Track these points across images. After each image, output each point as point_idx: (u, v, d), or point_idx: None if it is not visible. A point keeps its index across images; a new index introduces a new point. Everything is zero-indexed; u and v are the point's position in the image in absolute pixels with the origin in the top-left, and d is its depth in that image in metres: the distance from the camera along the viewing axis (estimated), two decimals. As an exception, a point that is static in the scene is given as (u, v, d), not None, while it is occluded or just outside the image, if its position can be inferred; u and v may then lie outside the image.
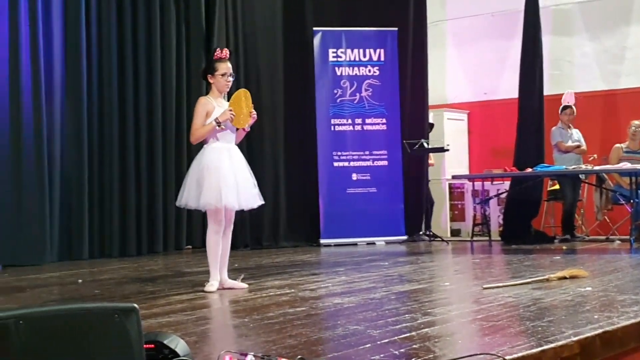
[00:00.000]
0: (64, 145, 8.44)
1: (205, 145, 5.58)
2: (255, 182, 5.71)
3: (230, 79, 5.65)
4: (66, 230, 8.43)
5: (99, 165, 8.81)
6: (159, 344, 2.50)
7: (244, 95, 5.67)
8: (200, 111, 5.52)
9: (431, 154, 10.96)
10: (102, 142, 8.84)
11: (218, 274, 5.50)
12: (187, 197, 5.51)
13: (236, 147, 5.69)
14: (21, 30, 7.96)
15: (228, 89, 5.72)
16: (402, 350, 3.10)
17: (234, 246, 9.43)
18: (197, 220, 9.82)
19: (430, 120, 11.01)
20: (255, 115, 5.71)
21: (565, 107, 9.81)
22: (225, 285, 5.53)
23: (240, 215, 9.48)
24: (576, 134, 9.85)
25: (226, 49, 5.75)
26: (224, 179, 5.40)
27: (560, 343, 3.12)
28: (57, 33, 8.40)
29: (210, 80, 5.62)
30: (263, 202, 5.84)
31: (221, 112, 5.49)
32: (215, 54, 5.64)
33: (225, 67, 5.59)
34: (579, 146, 9.73)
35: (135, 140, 9.09)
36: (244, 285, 5.60)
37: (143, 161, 9.14)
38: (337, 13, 10.47)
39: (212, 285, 5.44)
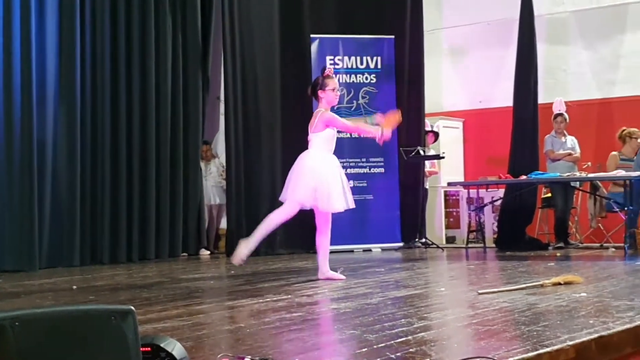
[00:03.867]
0: (55, 151, 8.42)
1: (306, 151, 6.33)
2: (348, 187, 6.41)
3: (339, 93, 6.49)
4: (57, 237, 8.40)
5: (91, 171, 8.78)
6: (155, 347, 2.49)
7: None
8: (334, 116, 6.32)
9: (435, 162, 10.98)
10: (94, 148, 8.82)
11: (252, 246, 6.26)
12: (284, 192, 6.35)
13: (334, 156, 6.36)
14: (14, 36, 7.97)
15: (337, 103, 6.47)
16: (398, 354, 3.10)
17: (229, 254, 9.50)
18: (192, 228, 9.83)
19: (435, 129, 11.03)
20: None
21: (557, 115, 9.86)
22: (326, 276, 6.28)
23: (236, 222, 9.52)
24: (570, 141, 9.88)
25: (331, 67, 6.66)
26: (319, 182, 6.15)
27: (555, 347, 3.13)
28: (50, 39, 8.40)
29: (321, 95, 6.27)
30: (353, 206, 6.48)
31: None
32: (326, 72, 6.38)
33: (334, 83, 6.31)
34: (570, 154, 9.75)
35: (127, 147, 9.08)
36: (342, 276, 6.31)
37: (136, 167, 9.13)
38: (334, 20, 10.50)
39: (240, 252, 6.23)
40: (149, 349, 2.47)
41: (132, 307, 2.26)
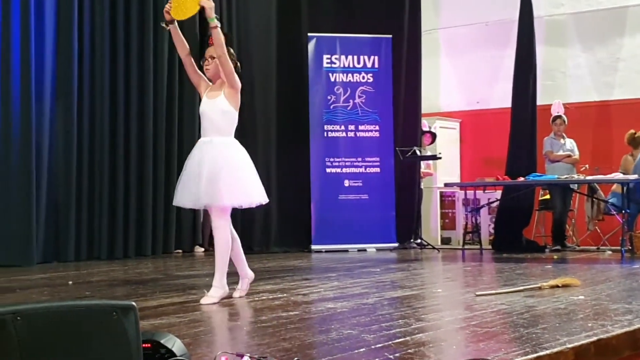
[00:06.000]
0: (52, 147, 8.38)
1: None
2: (227, 177, 5.07)
3: (211, 62, 5.14)
4: (53, 232, 8.36)
5: (88, 167, 8.75)
6: (155, 343, 2.48)
7: None
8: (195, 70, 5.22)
9: (430, 163, 10.97)
10: (91, 144, 8.79)
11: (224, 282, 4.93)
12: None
13: (219, 140, 5.03)
14: (13, 31, 7.93)
15: (208, 73, 5.22)
16: (397, 354, 3.08)
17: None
18: (187, 224, 9.79)
19: (433, 130, 11.03)
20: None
21: (556, 118, 9.86)
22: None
23: (233, 220, 9.49)
24: (569, 143, 9.88)
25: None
26: (185, 175, 4.99)
27: (555, 350, 3.12)
28: (49, 34, 8.34)
29: None
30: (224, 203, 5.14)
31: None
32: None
33: (207, 52, 5.20)
34: (569, 156, 9.75)
35: (125, 142, 9.05)
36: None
37: (133, 163, 9.10)
38: (332, 19, 10.49)
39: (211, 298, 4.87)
40: (150, 345, 2.46)
41: (134, 303, 2.25)
